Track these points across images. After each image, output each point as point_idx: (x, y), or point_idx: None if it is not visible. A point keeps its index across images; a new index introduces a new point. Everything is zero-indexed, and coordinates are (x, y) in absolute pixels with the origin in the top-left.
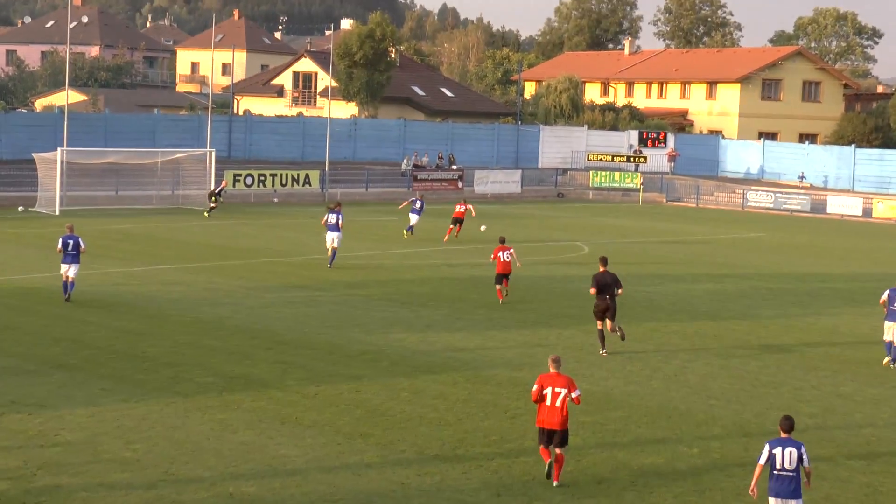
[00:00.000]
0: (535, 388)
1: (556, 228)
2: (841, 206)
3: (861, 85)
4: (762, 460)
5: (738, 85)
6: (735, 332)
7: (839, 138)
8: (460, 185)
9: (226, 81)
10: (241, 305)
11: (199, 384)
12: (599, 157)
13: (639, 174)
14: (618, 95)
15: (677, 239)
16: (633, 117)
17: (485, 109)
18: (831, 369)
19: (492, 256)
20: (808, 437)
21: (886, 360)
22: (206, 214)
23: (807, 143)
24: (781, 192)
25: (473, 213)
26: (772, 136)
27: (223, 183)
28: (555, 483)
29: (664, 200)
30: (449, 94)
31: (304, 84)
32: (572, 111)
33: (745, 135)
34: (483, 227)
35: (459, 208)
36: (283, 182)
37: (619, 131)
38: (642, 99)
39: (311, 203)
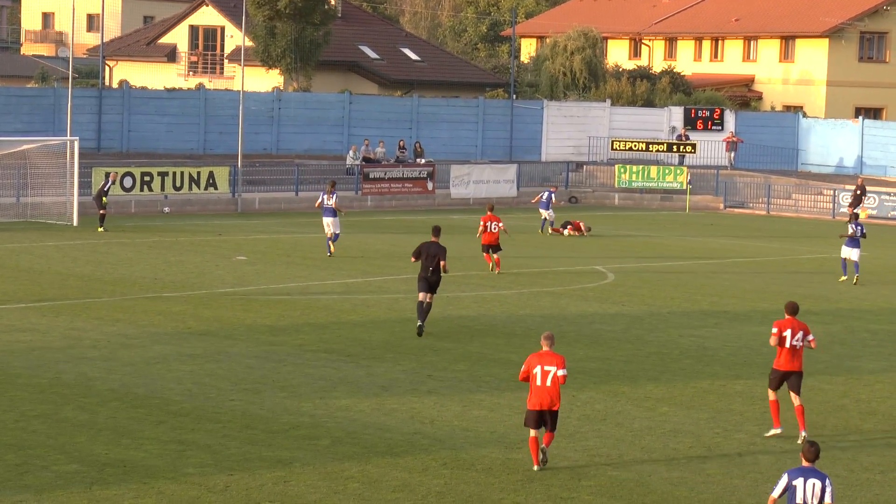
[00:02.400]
0: (523, 367)
1: (569, 247)
2: None
3: None
4: (776, 493)
5: (826, 41)
6: (824, 393)
7: None
8: (430, 186)
9: (93, 41)
10: (116, 361)
11: (58, 475)
12: (629, 146)
13: (685, 169)
14: (654, 57)
15: (740, 261)
16: (677, 88)
17: (465, 79)
18: None
19: (480, 228)
20: None
21: None
22: (99, 229)
23: None
24: (889, 193)
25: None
26: (875, 112)
27: (112, 176)
28: (535, 467)
29: (721, 206)
30: (413, 56)
31: (206, 44)
32: (589, 80)
33: (835, 112)
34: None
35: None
36: (177, 184)
37: (656, 108)
38: (688, 62)
39: (217, 213)
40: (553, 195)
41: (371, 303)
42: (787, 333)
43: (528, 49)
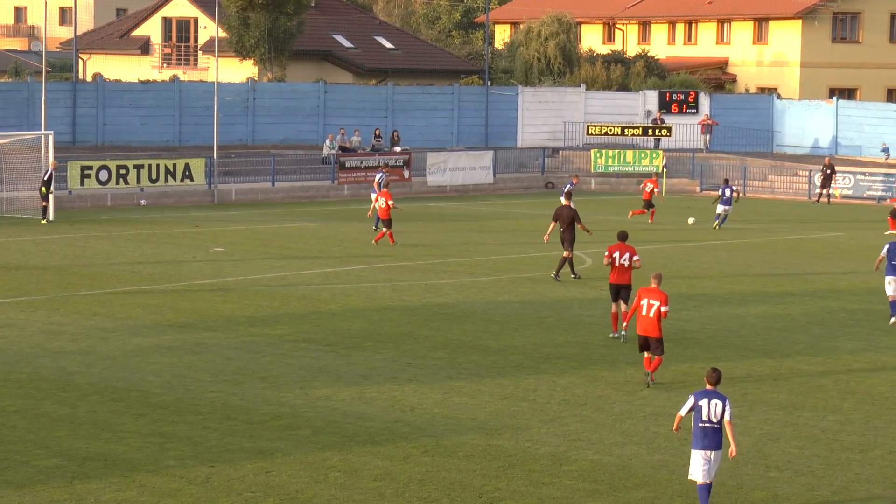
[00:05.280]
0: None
1: (545, 232)
2: None
3: None
4: (683, 412)
5: (800, 22)
6: (803, 374)
7: None
8: (407, 174)
9: (66, 34)
10: (95, 354)
11: (39, 469)
12: (604, 131)
13: (661, 153)
14: (628, 41)
15: (718, 243)
16: (651, 72)
17: (439, 66)
18: None
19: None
20: None
21: (893, 319)
22: (42, 221)
23: None
24: (864, 174)
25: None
26: (849, 93)
27: (51, 164)
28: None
29: (697, 189)
30: (388, 45)
31: (180, 35)
32: (564, 65)
33: (810, 93)
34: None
35: (648, 187)
36: (153, 176)
37: (631, 92)
38: (663, 46)
39: (194, 205)
40: (573, 186)
41: (349, 292)
42: (616, 255)
43: (502, 35)
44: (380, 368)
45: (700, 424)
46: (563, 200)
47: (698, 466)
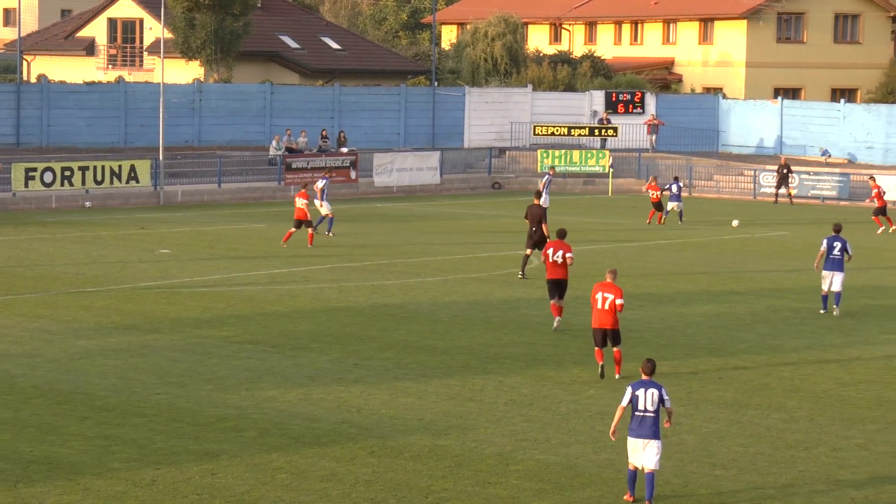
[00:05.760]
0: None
1: (492, 232)
2: (894, 189)
3: None
4: (624, 403)
5: (745, 22)
6: (748, 373)
7: (888, 94)
8: (354, 175)
9: (10, 35)
10: (40, 357)
11: None
12: (551, 131)
13: (607, 153)
14: (574, 42)
15: (664, 243)
16: (598, 72)
17: (386, 67)
18: (885, 421)
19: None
20: None
21: (822, 312)
22: None
23: (843, 101)
24: (809, 173)
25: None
26: (793, 93)
27: None
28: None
29: (643, 189)
30: (334, 45)
31: (125, 36)
32: (510, 66)
33: (755, 93)
34: (735, 223)
35: (653, 194)
36: (99, 178)
37: (577, 93)
38: (609, 46)
39: (139, 207)
40: (551, 178)
41: (296, 293)
42: (550, 251)
43: (448, 36)
44: (326, 369)
45: (636, 413)
46: (534, 199)
47: (635, 453)
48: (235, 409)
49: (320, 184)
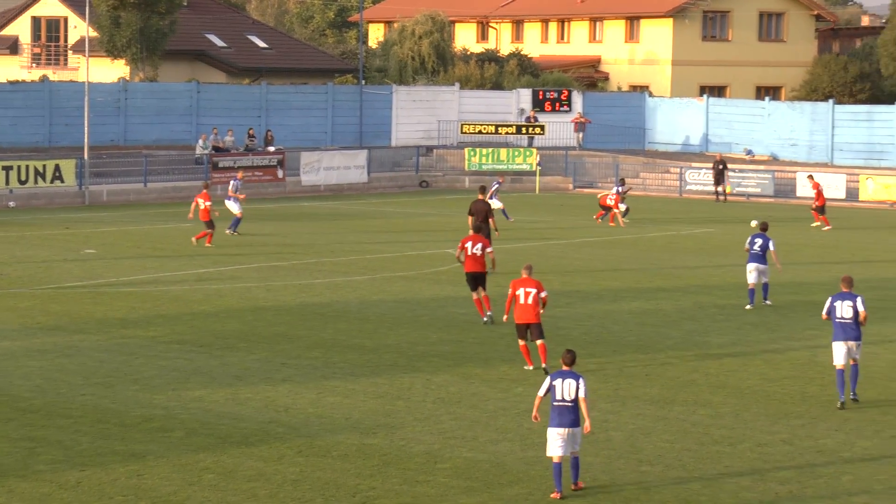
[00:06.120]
0: (509, 291)
1: (420, 231)
2: (828, 187)
3: (839, 16)
4: (541, 392)
5: (671, 20)
6: (674, 369)
7: (811, 92)
8: (281, 173)
9: None
10: None
11: None
12: (479, 129)
13: (534, 151)
14: (501, 40)
15: (591, 240)
16: (525, 71)
17: (313, 65)
18: (809, 416)
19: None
20: None
21: (749, 307)
22: None
23: (767, 99)
24: (734, 170)
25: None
26: (719, 90)
27: None
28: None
29: (570, 187)
30: (261, 44)
31: (50, 35)
32: (438, 64)
33: (681, 90)
34: (754, 223)
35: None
36: (22, 178)
37: (504, 91)
38: (536, 44)
39: (64, 207)
40: (499, 185)
41: (223, 293)
42: (469, 244)
43: (376, 34)
44: (254, 369)
45: (555, 403)
46: (479, 195)
47: (554, 444)
48: (162, 410)
49: (232, 184)
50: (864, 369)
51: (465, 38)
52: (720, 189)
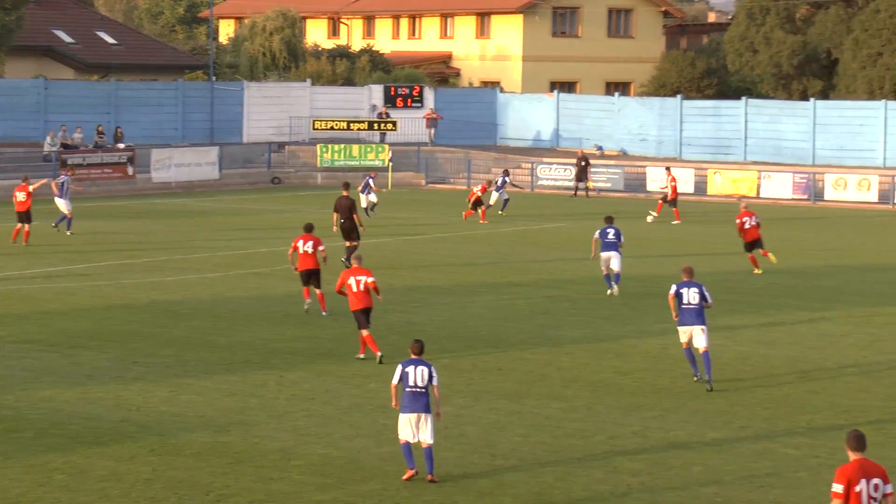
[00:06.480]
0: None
1: (272, 227)
2: (683, 181)
3: (686, 13)
4: (395, 381)
5: (521, 16)
6: (527, 363)
7: (660, 87)
8: (131, 170)
9: None
10: None
11: None
12: (330, 125)
13: (386, 147)
14: (353, 36)
15: (442, 236)
16: (376, 67)
17: (163, 61)
18: (660, 408)
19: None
20: (631, 502)
21: (610, 292)
22: None
23: (617, 95)
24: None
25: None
26: (569, 86)
27: None
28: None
29: (423, 182)
30: (110, 40)
31: None
32: (289, 60)
33: (532, 86)
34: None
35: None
36: None
37: (356, 87)
38: (387, 40)
39: None
40: (372, 180)
41: (74, 291)
42: (300, 243)
43: (226, 30)
44: (105, 368)
45: (407, 389)
46: (343, 191)
47: (406, 428)
48: (11, 410)
49: (59, 180)
50: (713, 360)
51: (317, 34)
52: (582, 185)
